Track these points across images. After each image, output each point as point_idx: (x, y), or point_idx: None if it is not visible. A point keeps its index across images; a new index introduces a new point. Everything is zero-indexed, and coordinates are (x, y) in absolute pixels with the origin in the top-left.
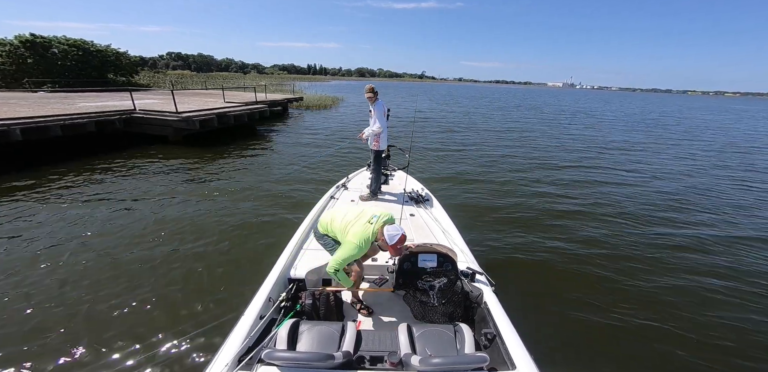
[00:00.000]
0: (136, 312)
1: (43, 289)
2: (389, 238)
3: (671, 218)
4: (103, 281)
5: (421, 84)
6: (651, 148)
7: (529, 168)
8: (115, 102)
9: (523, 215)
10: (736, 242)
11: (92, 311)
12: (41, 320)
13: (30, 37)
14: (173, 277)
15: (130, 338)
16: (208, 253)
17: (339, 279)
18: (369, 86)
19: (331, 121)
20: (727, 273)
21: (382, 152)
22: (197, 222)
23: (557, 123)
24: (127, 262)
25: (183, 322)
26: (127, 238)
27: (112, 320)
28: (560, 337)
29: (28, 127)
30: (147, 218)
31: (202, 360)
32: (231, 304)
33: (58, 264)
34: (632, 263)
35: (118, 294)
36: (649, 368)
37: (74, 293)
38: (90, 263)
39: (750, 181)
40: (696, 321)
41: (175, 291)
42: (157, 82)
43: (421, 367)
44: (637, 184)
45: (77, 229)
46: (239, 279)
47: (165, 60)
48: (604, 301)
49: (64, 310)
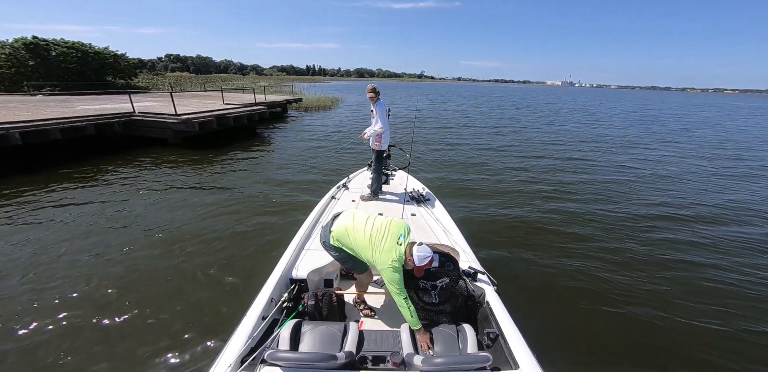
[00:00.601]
0: (138, 314)
1: (44, 291)
2: (418, 260)
3: (677, 217)
4: (101, 284)
5: (420, 84)
6: (651, 145)
7: (529, 167)
8: (114, 105)
9: (525, 214)
10: (751, 243)
11: (93, 313)
12: (41, 322)
13: (32, 40)
14: (174, 278)
15: (132, 340)
16: (210, 254)
17: (411, 312)
18: (370, 86)
19: (331, 121)
20: (740, 272)
21: (383, 152)
22: (198, 223)
23: (554, 120)
24: (127, 265)
25: (185, 323)
26: (126, 240)
27: (113, 323)
28: (563, 337)
29: (27, 131)
30: (148, 220)
31: (205, 361)
32: (233, 304)
33: (58, 264)
34: (637, 261)
35: (118, 296)
36: (654, 367)
37: (76, 295)
38: (88, 266)
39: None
40: (703, 320)
41: (177, 292)
42: (155, 84)
43: (424, 367)
44: (639, 181)
45: (76, 231)
46: (241, 280)
47: (163, 62)
48: (608, 300)
49: (65, 312)
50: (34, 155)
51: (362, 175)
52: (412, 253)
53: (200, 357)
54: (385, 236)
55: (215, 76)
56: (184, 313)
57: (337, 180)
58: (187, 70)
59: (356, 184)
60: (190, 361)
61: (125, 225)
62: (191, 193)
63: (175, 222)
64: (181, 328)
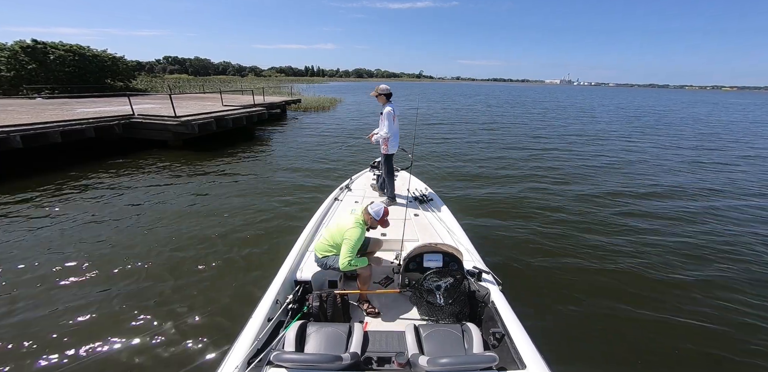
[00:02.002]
0: (145, 316)
1: (45, 294)
2: (375, 214)
3: (684, 217)
4: (106, 285)
5: (419, 83)
6: (652, 142)
7: (530, 166)
8: (113, 107)
9: (528, 212)
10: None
11: (97, 315)
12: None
13: (31, 43)
14: (180, 281)
15: (139, 341)
16: (214, 257)
17: (357, 265)
18: (379, 87)
19: (330, 122)
20: (753, 271)
21: (392, 156)
22: (201, 226)
23: (553, 119)
24: (131, 267)
25: (191, 326)
26: (128, 243)
27: (119, 324)
28: (570, 336)
29: (27, 134)
30: (150, 223)
31: (212, 362)
32: (238, 306)
33: (59, 265)
34: (643, 259)
35: (125, 298)
36: (662, 366)
37: (78, 298)
38: (90, 268)
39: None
40: (712, 317)
41: (182, 295)
42: (154, 86)
43: (429, 367)
44: (643, 180)
45: (76, 234)
46: (246, 282)
47: (162, 64)
48: (615, 298)
49: (63, 319)
50: (34, 158)
51: (365, 176)
52: (368, 212)
53: (207, 359)
54: (339, 220)
55: (214, 78)
56: (189, 315)
57: (340, 181)
58: (185, 72)
59: (359, 186)
60: (197, 362)
61: (123, 227)
62: (192, 195)
63: (176, 224)
64: (186, 330)
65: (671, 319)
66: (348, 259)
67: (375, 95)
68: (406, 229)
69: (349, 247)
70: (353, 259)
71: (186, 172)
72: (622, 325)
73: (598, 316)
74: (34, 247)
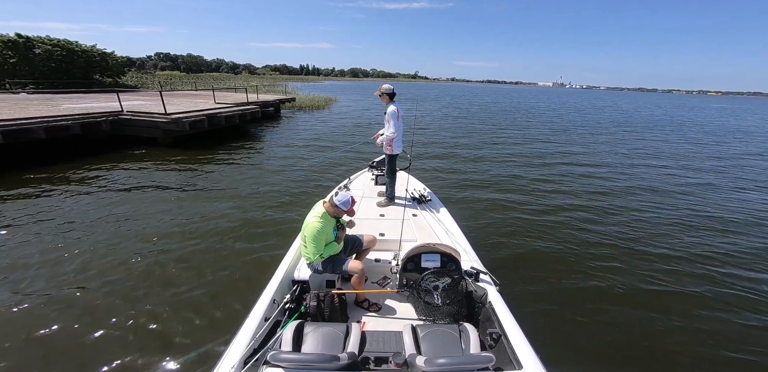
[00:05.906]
0: (141, 315)
1: (45, 295)
2: (342, 205)
3: (684, 215)
4: (104, 286)
5: (415, 84)
6: (652, 142)
7: (530, 165)
8: (101, 103)
9: (527, 213)
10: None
11: (95, 315)
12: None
13: (14, 38)
14: (176, 281)
15: (135, 340)
16: (210, 257)
17: (330, 253)
18: (382, 86)
19: (325, 121)
20: (747, 279)
21: (395, 157)
22: (194, 227)
23: (551, 121)
24: (126, 267)
25: (188, 325)
26: (121, 244)
27: (116, 324)
28: (567, 336)
29: (8, 130)
30: (142, 223)
31: (209, 362)
32: (235, 306)
33: (57, 268)
34: (640, 260)
35: (121, 298)
36: (658, 366)
37: (67, 299)
38: (87, 269)
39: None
40: (708, 320)
41: (178, 294)
42: (145, 82)
43: (427, 367)
44: (643, 179)
45: (71, 234)
46: (243, 281)
47: (153, 60)
48: (612, 299)
49: (55, 324)
50: (16, 155)
51: (363, 175)
52: (333, 203)
53: (203, 358)
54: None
55: (207, 75)
56: (186, 314)
57: (338, 181)
58: (177, 69)
59: (357, 185)
60: (194, 362)
61: (116, 228)
62: (184, 195)
63: (169, 225)
64: (183, 330)
65: (668, 320)
66: (316, 255)
67: (378, 95)
68: (405, 229)
69: (312, 242)
70: (321, 251)
71: (176, 171)
72: (618, 326)
73: (594, 317)
74: (9, 250)
